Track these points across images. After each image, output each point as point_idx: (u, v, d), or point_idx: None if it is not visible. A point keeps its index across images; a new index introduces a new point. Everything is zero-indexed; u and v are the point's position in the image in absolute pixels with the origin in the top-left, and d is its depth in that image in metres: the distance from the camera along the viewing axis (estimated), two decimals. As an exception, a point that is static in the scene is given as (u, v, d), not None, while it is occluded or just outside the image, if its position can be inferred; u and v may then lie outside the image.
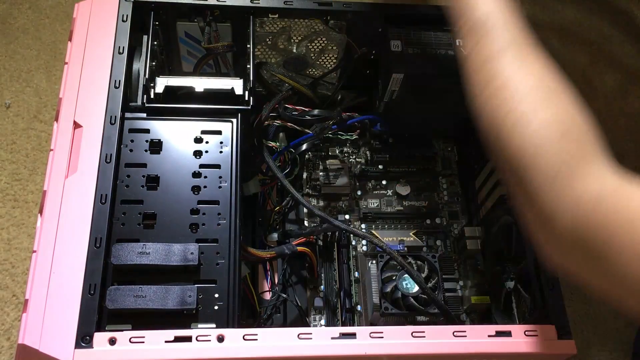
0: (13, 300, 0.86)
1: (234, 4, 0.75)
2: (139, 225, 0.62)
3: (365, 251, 0.78)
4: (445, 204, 0.82)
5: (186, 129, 0.68)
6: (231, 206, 0.64)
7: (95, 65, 0.68)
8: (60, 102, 0.66)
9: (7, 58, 1.09)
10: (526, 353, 0.60)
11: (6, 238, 0.91)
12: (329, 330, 0.58)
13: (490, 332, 0.60)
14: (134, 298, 0.57)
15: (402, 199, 0.82)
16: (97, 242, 0.59)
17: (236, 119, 0.69)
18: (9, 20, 1.14)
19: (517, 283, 0.68)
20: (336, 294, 0.75)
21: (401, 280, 0.67)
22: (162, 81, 0.69)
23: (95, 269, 0.57)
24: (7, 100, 1.04)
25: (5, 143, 1.00)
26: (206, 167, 0.66)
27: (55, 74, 1.08)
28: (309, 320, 0.74)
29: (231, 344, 0.56)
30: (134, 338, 0.55)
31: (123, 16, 0.71)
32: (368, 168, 0.83)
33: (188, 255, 0.60)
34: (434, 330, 0.59)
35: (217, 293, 0.60)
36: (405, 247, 0.78)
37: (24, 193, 0.96)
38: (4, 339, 0.83)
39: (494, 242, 0.75)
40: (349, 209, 0.81)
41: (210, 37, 0.77)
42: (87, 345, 0.54)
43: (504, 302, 0.71)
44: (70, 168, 0.63)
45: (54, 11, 1.16)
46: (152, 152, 0.66)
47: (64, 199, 0.60)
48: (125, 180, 0.64)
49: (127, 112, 0.68)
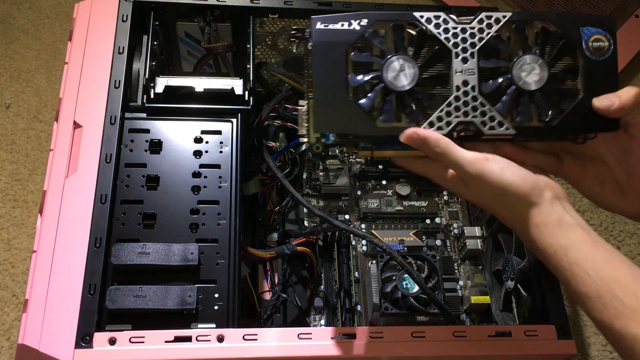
0: (13, 300, 0.86)
1: (234, 4, 0.75)
2: (139, 225, 0.62)
3: (365, 251, 0.78)
4: (445, 204, 0.82)
5: (186, 129, 0.68)
6: (231, 206, 0.64)
7: (95, 65, 0.68)
8: (60, 102, 0.66)
9: (7, 58, 1.09)
10: (526, 353, 0.60)
11: (6, 238, 0.91)
12: (329, 330, 0.58)
13: (490, 332, 0.60)
14: (134, 298, 0.57)
15: (402, 199, 0.82)
16: (97, 242, 0.59)
17: (236, 119, 0.69)
18: (9, 20, 1.14)
19: (517, 283, 0.68)
20: (336, 294, 0.75)
21: (401, 280, 0.67)
22: (162, 81, 0.69)
23: (95, 269, 0.57)
24: (7, 100, 1.04)
25: (5, 143, 1.00)
26: (206, 167, 0.66)
27: (55, 74, 1.08)
28: (309, 320, 0.74)
29: (231, 344, 0.56)
30: (134, 338, 0.55)
31: (123, 16, 0.71)
32: (368, 168, 0.83)
33: (188, 255, 0.60)
34: (434, 331, 0.59)
35: (217, 293, 0.60)
36: (405, 247, 0.78)
37: (24, 193, 0.95)
38: (4, 339, 0.83)
39: (494, 242, 0.75)
40: (349, 209, 0.81)
41: (210, 37, 0.77)
42: (87, 345, 0.54)
43: (504, 302, 0.71)
44: (70, 168, 0.63)
45: (54, 11, 1.16)
46: (152, 152, 0.66)
47: (64, 199, 0.60)
48: (125, 180, 0.64)
49: (127, 112, 0.68)
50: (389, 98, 0.52)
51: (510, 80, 0.52)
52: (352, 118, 0.52)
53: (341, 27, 0.52)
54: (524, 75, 0.52)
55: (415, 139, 0.51)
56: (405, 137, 0.51)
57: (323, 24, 0.52)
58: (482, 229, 0.78)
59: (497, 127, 0.52)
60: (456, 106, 0.52)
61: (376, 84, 0.52)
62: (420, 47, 0.53)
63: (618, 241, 0.95)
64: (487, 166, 0.49)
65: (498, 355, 0.60)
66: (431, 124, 0.52)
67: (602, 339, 0.96)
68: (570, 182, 0.56)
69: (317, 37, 0.52)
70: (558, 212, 0.49)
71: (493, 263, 0.74)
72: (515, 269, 0.68)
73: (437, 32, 0.52)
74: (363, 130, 0.52)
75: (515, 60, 0.52)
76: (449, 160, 0.50)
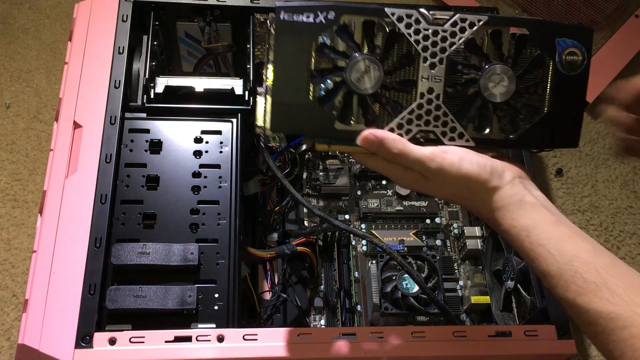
0: (13, 300, 0.86)
1: (234, 4, 0.75)
2: (139, 225, 0.62)
3: (365, 251, 0.78)
4: (445, 204, 0.82)
5: (186, 129, 0.68)
6: (231, 206, 0.64)
7: (95, 65, 0.68)
8: (60, 102, 0.66)
9: (7, 58, 1.09)
10: (526, 353, 0.60)
11: (6, 238, 0.91)
12: (329, 330, 0.58)
13: (490, 332, 0.60)
14: (134, 298, 0.57)
15: (402, 199, 0.82)
16: (97, 242, 0.59)
17: (236, 119, 0.69)
18: (9, 20, 1.14)
19: (517, 283, 0.68)
20: (336, 294, 0.75)
21: (401, 280, 0.67)
22: (162, 81, 0.69)
23: (95, 269, 0.57)
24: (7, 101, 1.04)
25: (5, 143, 1.00)
26: (206, 167, 0.66)
27: (55, 74, 1.08)
28: (309, 320, 0.74)
29: (231, 344, 0.56)
30: (134, 338, 0.55)
31: (123, 16, 0.71)
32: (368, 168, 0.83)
33: (188, 255, 0.60)
34: (434, 331, 0.59)
35: (217, 293, 0.60)
36: (405, 247, 0.78)
37: (24, 193, 0.95)
38: (4, 339, 0.83)
39: (494, 242, 0.75)
40: (349, 209, 0.81)
41: (210, 37, 0.77)
42: (87, 345, 0.54)
43: (504, 302, 0.71)
44: (70, 168, 0.63)
45: (54, 11, 1.16)
46: (152, 152, 0.66)
47: (64, 199, 0.60)
48: (125, 180, 0.64)
49: (127, 112, 0.68)
50: (351, 100, 0.50)
51: (477, 89, 0.51)
52: (311, 117, 0.50)
53: (306, 19, 0.49)
54: (491, 86, 0.51)
55: (372, 140, 0.50)
56: (362, 139, 0.50)
57: (287, 14, 0.49)
58: (482, 229, 0.78)
59: (457, 139, 0.51)
60: (418, 114, 0.51)
61: (339, 83, 0.50)
62: (389, 47, 0.51)
63: (618, 241, 0.95)
64: (445, 159, 0.49)
65: (498, 355, 0.60)
66: (391, 130, 0.51)
67: (602, 339, 0.96)
68: None
69: (280, 29, 0.49)
70: (519, 193, 0.50)
71: (493, 263, 0.74)
72: (515, 269, 0.68)
73: (407, 32, 0.50)
74: (320, 132, 0.50)
75: (484, 68, 0.51)
76: (409, 160, 0.50)
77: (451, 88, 0.51)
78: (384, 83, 0.50)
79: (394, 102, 0.51)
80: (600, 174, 1.06)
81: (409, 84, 0.51)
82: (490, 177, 0.50)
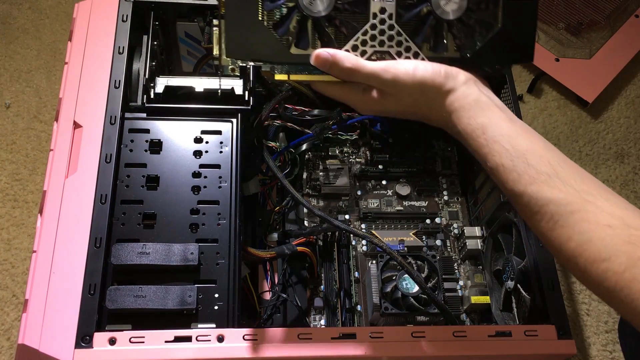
0: (13, 300, 0.86)
1: (234, 4, 0.75)
2: (139, 225, 0.62)
3: (365, 251, 0.78)
4: (445, 204, 0.82)
5: (186, 129, 0.68)
6: (231, 206, 0.64)
7: (95, 65, 0.68)
8: (60, 102, 0.66)
9: (7, 58, 1.09)
10: (526, 353, 0.60)
11: (6, 238, 0.91)
12: (329, 330, 0.58)
13: (490, 332, 0.60)
14: (134, 298, 0.57)
15: (402, 199, 0.82)
16: (97, 242, 0.59)
17: (236, 119, 0.69)
18: (9, 20, 1.14)
19: (517, 283, 0.68)
20: (336, 294, 0.75)
21: (401, 280, 0.67)
22: (162, 81, 0.69)
23: (95, 269, 0.57)
24: (7, 101, 1.04)
25: (5, 143, 1.00)
26: (206, 167, 0.66)
27: (55, 74, 1.08)
28: (309, 320, 0.74)
29: (231, 344, 0.56)
30: (134, 338, 0.55)
31: (123, 16, 0.71)
32: (368, 168, 0.83)
33: (188, 255, 0.60)
34: (434, 331, 0.59)
35: (217, 293, 0.60)
36: (405, 247, 0.78)
37: (24, 193, 0.96)
38: (4, 339, 0.83)
39: (494, 242, 0.75)
40: (349, 209, 0.81)
41: (211, 37, 0.77)
42: (87, 345, 0.54)
43: (504, 302, 0.71)
44: (70, 168, 0.63)
45: (54, 11, 1.16)
46: (152, 152, 0.66)
47: (64, 199, 0.60)
48: (125, 180, 0.64)
49: (127, 112, 0.68)
50: (305, 24, 0.50)
51: (429, 7, 0.51)
52: (266, 44, 0.50)
53: None
54: (443, 3, 0.51)
55: (325, 57, 0.50)
56: (315, 58, 0.50)
57: None
58: (482, 229, 0.78)
59: (413, 58, 0.52)
60: (372, 35, 0.51)
61: (292, 8, 0.50)
62: None
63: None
64: (399, 69, 0.50)
65: (498, 355, 0.60)
66: (346, 52, 0.51)
67: (602, 338, 0.96)
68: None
69: None
70: (474, 93, 0.51)
71: (493, 263, 0.74)
72: (515, 269, 0.68)
73: None
74: (276, 57, 0.50)
75: None
76: (362, 74, 0.51)
77: (403, 8, 0.51)
78: (336, 5, 0.50)
79: (348, 24, 0.51)
80: (600, 174, 1.07)
81: (361, 4, 0.51)
82: (445, 80, 0.51)
